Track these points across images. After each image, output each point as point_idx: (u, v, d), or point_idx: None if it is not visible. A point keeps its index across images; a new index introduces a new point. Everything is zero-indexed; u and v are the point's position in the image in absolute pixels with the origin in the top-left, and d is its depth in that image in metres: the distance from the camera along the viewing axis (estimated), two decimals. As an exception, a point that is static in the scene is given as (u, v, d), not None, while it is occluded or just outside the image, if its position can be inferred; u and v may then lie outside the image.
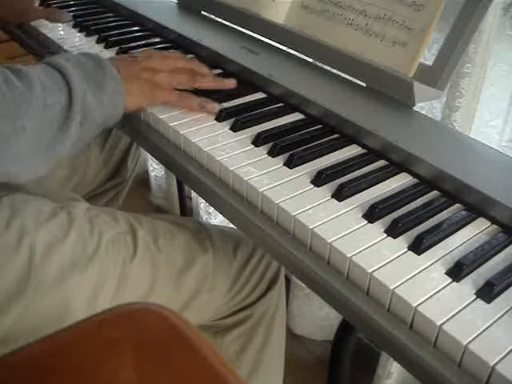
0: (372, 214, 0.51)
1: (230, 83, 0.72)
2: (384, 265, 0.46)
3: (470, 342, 0.39)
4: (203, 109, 0.67)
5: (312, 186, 0.55)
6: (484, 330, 0.40)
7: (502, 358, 0.38)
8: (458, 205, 0.54)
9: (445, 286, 0.44)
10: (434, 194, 0.55)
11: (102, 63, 0.61)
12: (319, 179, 0.55)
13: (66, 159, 0.88)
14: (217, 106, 0.67)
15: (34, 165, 0.55)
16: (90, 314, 0.59)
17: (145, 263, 0.65)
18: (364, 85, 0.71)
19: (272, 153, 0.60)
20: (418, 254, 0.47)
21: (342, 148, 0.62)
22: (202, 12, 0.97)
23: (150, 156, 1.70)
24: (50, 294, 0.58)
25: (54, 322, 0.58)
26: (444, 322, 0.41)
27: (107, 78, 0.60)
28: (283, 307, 0.81)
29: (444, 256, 0.47)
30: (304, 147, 0.61)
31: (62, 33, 0.93)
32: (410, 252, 0.47)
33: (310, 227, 0.49)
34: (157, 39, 0.90)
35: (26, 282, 0.56)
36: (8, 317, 0.56)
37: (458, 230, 0.50)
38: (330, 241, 0.48)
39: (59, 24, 0.96)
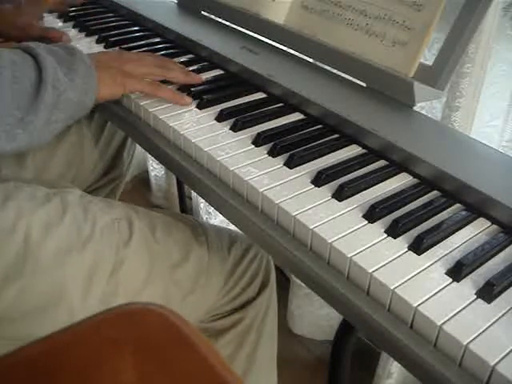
0: (372, 214, 0.51)
1: (198, 79, 0.74)
2: (384, 265, 0.46)
3: (471, 341, 0.39)
4: (174, 99, 0.68)
5: (312, 186, 0.55)
6: (484, 330, 0.40)
7: (503, 358, 0.38)
8: (458, 205, 0.54)
9: (445, 286, 0.44)
10: (434, 194, 0.55)
11: (73, 50, 0.63)
12: (319, 179, 0.55)
13: (60, 154, 0.88)
14: (189, 101, 0.69)
15: (11, 132, 0.56)
16: (85, 296, 0.60)
17: (140, 251, 0.65)
18: (364, 85, 0.71)
19: (272, 153, 0.60)
20: (419, 254, 0.47)
21: (342, 148, 0.62)
22: (202, 12, 0.97)
23: (150, 156, 1.70)
24: (45, 276, 0.58)
25: (50, 303, 0.58)
26: (444, 322, 0.41)
27: (78, 63, 0.62)
28: (274, 310, 0.81)
29: (444, 256, 0.47)
30: (304, 147, 0.61)
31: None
32: (410, 252, 0.47)
33: (311, 227, 0.49)
34: (157, 39, 0.90)
35: (23, 264, 0.57)
36: (4, 298, 0.56)
37: (458, 229, 0.50)
38: (330, 241, 0.48)
39: (59, 23, 0.96)
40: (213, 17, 0.95)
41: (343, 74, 0.74)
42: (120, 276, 0.63)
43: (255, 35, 0.85)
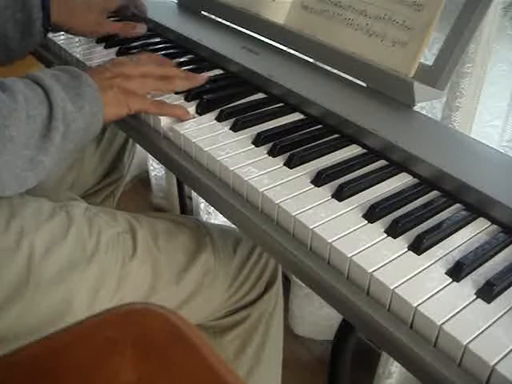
0: (372, 213, 0.51)
1: (202, 78, 0.73)
2: (384, 265, 0.46)
3: (470, 341, 0.39)
4: (179, 115, 0.67)
5: (312, 185, 0.55)
6: (484, 330, 0.40)
7: (502, 358, 0.38)
8: (458, 205, 0.54)
9: (445, 286, 0.44)
10: (434, 193, 0.55)
11: (77, 73, 0.61)
12: (319, 179, 0.56)
13: None
14: (189, 115, 0.67)
15: (21, 176, 0.55)
16: (90, 314, 0.59)
17: (145, 263, 0.65)
18: (364, 85, 0.71)
19: (272, 153, 0.60)
20: (418, 254, 0.47)
21: (342, 148, 0.62)
22: (202, 12, 0.97)
23: (150, 156, 1.70)
24: (49, 295, 0.58)
25: (54, 322, 0.58)
26: (444, 322, 0.41)
27: (84, 86, 0.60)
28: (281, 307, 0.81)
29: (444, 256, 0.47)
30: (304, 147, 0.61)
31: (61, 32, 0.93)
32: (410, 252, 0.47)
33: (310, 227, 0.49)
34: (157, 39, 0.90)
35: (26, 283, 0.56)
36: (8, 317, 0.56)
37: (458, 229, 0.50)
38: (330, 241, 0.48)
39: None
40: (213, 17, 0.95)
41: (343, 74, 0.74)
42: (125, 289, 0.63)
43: (255, 35, 0.85)
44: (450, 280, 0.45)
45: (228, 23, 0.91)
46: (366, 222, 0.51)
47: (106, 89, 0.63)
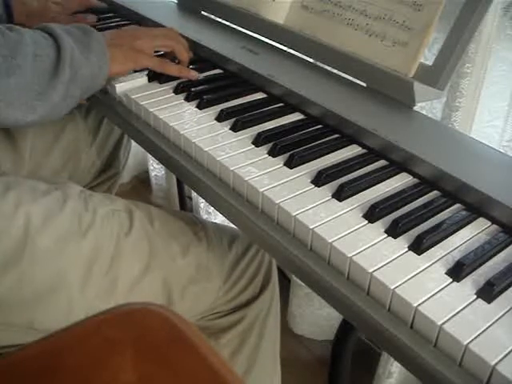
0: (372, 213, 0.51)
1: (195, 75, 0.77)
2: (384, 265, 0.46)
3: (471, 341, 0.39)
4: (181, 74, 0.75)
5: (312, 185, 0.55)
6: (484, 330, 0.40)
7: (503, 358, 0.38)
8: (458, 205, 0.54)
9: (445, 286, 0.44)
10: (435, 193, 0.55)
11: (88, 30, 0.67)
12: (319, 179, 0.55)
13: (57, 153, 0.89)
14: (196, 74, 0.76)
15: (30, 104, 0.60)
16: (84, 284, 0.61)
17: (140, 241, 0.66)
18: (364, 85, 0.71)
19: (272, 153, 0.60)
20: (419, 254, 0.47)
21: (342, 148, 0.62)
22: (202, 12, 0.97)
23: (150, 156, 1.70)
24: (44, 265, 0.58)
25: (49, 291, 0.59)
26: (445, 322, 0.41)
27: (93, 41, 0.66)
28: (277, 307, 0.82)
29: (444, 256, 0.47)
30: (304, 147, 0.61)
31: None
32: (410, 252, 0.47)
33: (311, 227, 0.49)
34: (157, 39, 0.90)
35: (22, 252, 0.57)
36: (2, 284, 0.57)
37: (459, 229, 0.50)
38: (330, 241, 0.48)
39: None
40: (213, 17, 0.95)
41: (343, 74, 0.74)
42: (120, 264, 0.63)
43: (255, 35, 0.85)
44: (451, 280, 0.45)
45: (228, 23, 0.91)
46: (367, 221, 0.51)
47: (116, 45, 0.70)
